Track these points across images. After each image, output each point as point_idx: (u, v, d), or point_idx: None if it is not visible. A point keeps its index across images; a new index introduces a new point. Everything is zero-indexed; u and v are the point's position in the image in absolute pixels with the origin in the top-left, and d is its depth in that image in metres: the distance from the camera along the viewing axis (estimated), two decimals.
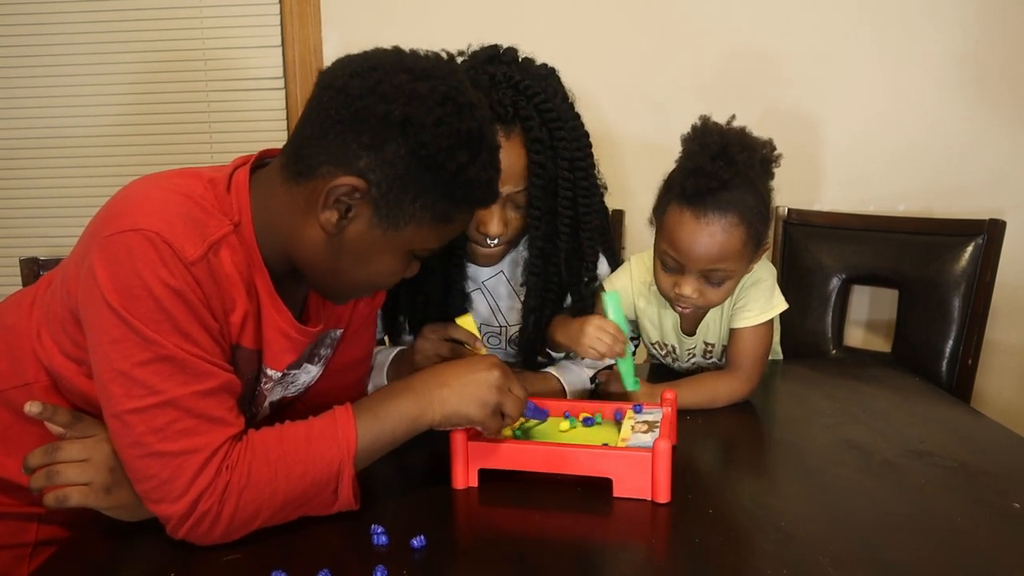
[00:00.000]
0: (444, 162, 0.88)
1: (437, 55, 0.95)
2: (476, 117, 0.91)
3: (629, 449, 0.99)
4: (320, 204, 0.90)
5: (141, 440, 0.82)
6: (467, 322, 1.15)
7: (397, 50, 0.93)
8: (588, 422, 1.13)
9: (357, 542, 0.87)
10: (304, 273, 0.99)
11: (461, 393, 0.95)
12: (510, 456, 1.00)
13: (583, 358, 1.30)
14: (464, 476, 1.00)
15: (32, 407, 0.86)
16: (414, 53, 0.93)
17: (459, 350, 1.15)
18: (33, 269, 1.60)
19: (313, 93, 0.93)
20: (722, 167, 1.18)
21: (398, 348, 1.30)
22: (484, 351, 1.14)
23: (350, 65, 0.91)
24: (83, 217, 2.47)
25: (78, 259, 0.89)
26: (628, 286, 1.42)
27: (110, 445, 0.87)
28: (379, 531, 0.87)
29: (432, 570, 0.83)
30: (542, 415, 1.11)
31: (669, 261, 1.26)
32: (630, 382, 1.21)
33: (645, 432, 1.05)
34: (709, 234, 1.20)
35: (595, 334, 1.21)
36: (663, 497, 0.95)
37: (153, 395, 0.82)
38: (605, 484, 0.97)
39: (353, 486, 0.90)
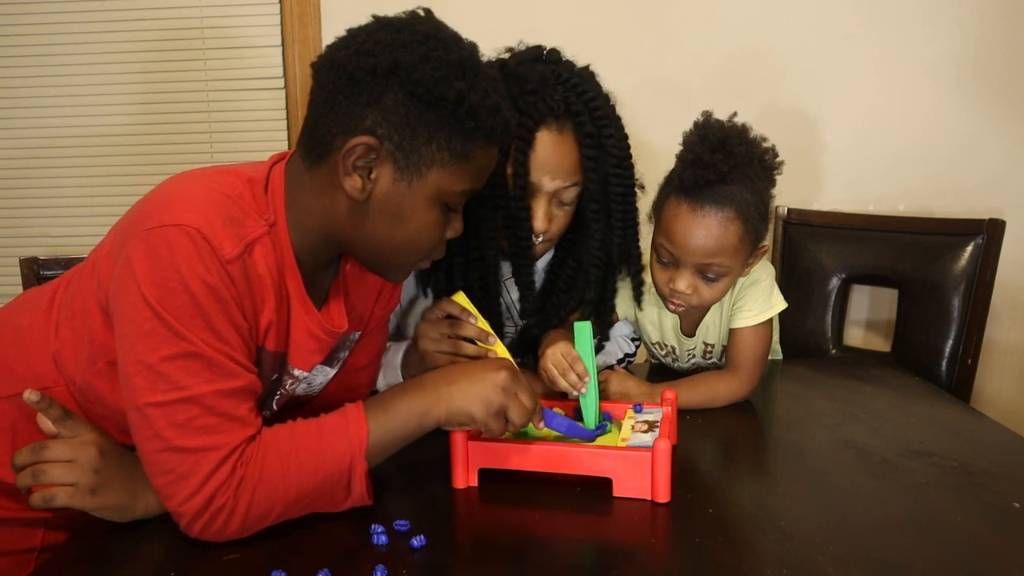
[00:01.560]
0: (443, 94, 0.89)
1: (414, 11, 0.96)
2: (463, 47, 0.93)
3: (629, 449, 0.99)
4: (341, 174, 0.91)
5: (161, 434, 0.83)
6: (460, 298, 1.15)
7: (376, 17, 0.95)
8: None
9: (357, 542, 0.87)
10: (352, 253, 1.01)
11: (466, 391, 0.94)
12: (510, 456, 1.00)
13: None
14: (464, 476, 1.00)
15: (31, 395, 0.86)
16: (393, 15, 0.95)
17: (458, 324, 1.13)
18: (33, 269, 1.60)
19: (312, 82, 0.95)
20: (721, 159, 1.19)
21: (406, 342, 1.27)
22: (483, 323, 1.13)
23: (336, 43, 0.94)
24: (84, 217, 2.48)
25: (112, 252, 0.89)
26: (629, 288, 1.42)
27: (96, 447, 0.87)
28: (379, 531, 0.87)
29: (432, 570, 0.83)
30: (579, 432, 1.05)
31: (664, 254, 1.26)
32: (590, 420, 1.13)
33: (645, 432, 1.05)
34: (705, 226, 1.20)
35: (551, 359, 1.16)
36: (663, 497, 0.95)
37: (177, 390, 0.83)
38: (605, 484, 0.97)
39: (366, 481, 0.90)
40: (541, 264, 1.37)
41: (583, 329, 1.16)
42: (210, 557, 0.85)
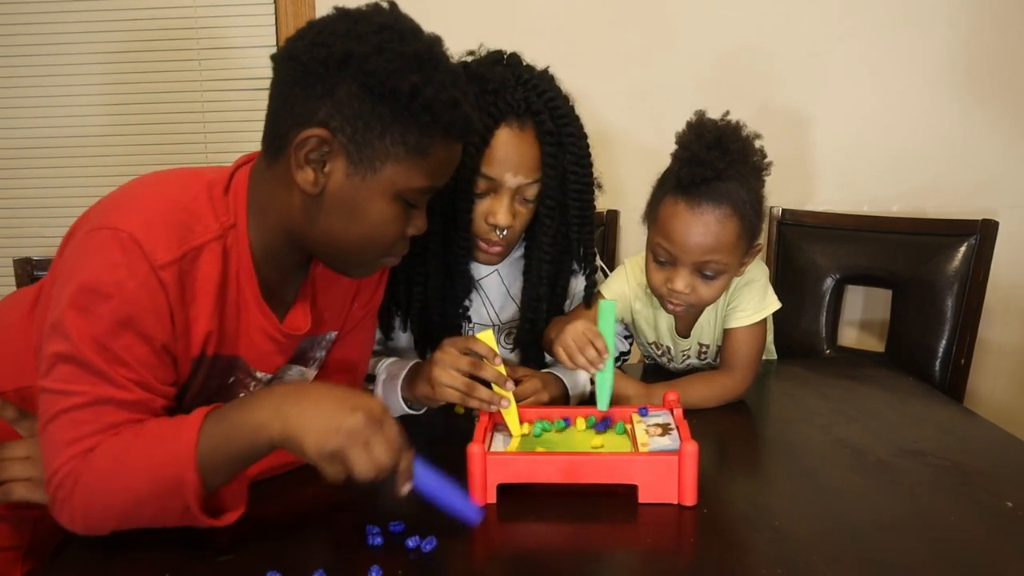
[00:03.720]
0: (395, 86, 0.86)
1: (376, 2, 0.94)
2: (421, 39, 0.91)
3: (655, 454, 0.98)
4: (293, 167, 0.89)
5: (42, 416, 0.84)
6: (487, 337, 1.13)
7: (337, 8, 0.93)
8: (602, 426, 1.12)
9: (352, 542, 0.87)
10: (311, 250, 0.99)
11: (305, 419, 0.81)
12: (531, 469, 0.97)
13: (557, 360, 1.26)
14: (482, 493, 0.96)
15: None
16: (355, 8, 0.93)
17: (478, 364, 1.11)
18: (27, 269, 1.60)
19: (272, 74, 0.94)
20: (717, 156, 1.19)
21: (414, 361, 1.27)
22: (502, 368, 1.12)
23: (295, 35, 0.92)
24: (78, 218, 2.44)
25: (65, 246, 0.92)
26: (624, 289, 1.42)
27: None
28: (374, 531, 0.87)
29: (432, 569, 0.83)
30: (452, 501, 0.88)
31: (662, 254, 1.26)
32: (603, 400, 1.12)
33: (662, 435, 1.05)
34: (703, 224, 1.21)
35: (571, 335, 1.15)
36: (690, 500, 0.95)
37: (59, 382, 0.84)
38: (628, 492, 0.96)
39: (233, 494, 0.86)
40: (511, 269, 1.39)
41: (607, 308, 1.15)
42: (205, 557, 0.85)
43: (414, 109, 0.88)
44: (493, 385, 1.11)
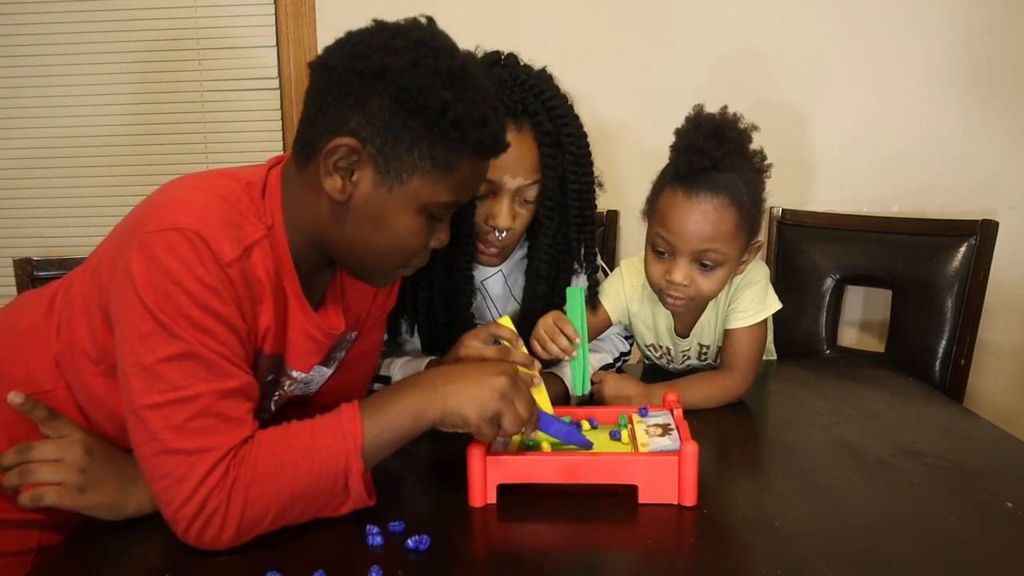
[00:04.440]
0: (427, 102, 0.88)
1: (415, 18, 0.95)
2: (456, 57, 0.92)
3: (655, 454, 0.98)
4: (322, 173, 0.91)
5: (157, 436, 0.83)
6: (507, 322, 1.14)
7: (375, 21, 0.95)
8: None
9: (352, 542, 0.87)
10: (334, 256, 1.00)
11: (463, 393, 0.92)
12: (531, 469, 0.97)
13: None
14: (482, 493, 0.96)
15: (15, 397, 0.87)
16: (393, 21, 0.94)
17: (506, 351, 1.11)
18: (27, 269, 1.60)
19: (308, 81, 0.95)
20: (714, 145, 1.20)
21: (430, 358, 1.28)
22: (525, 349, 1.13)
23: (333, 44, 0.94)
24: (78, 218, 2.47)
25: (113, 255, 0.90)
26: (621, 291, 1.42)
27: (83, 446, 0.88)
28: (374, 532, 0.87)
29: (432, 569, 0.83)
30: (576, 439, 1.02)
31: (661, 244, 1.26)
32: (578, 385, 1.17)
33: (662, 435, 1.05)
34: (701, 211, 1.22)
35: (541, 327, 1.19)
36: (690, 500, 0.95)
37: (174, 391, 0.83)
38: (629, 492, 0.96)
39: (365, 481, 0.89)
40: (514, 269, 1.40)
41: (575, 295, 1.16)
42: (205, 557, 0.84)
43: (443, 125, 0.90)
44: (520, 368, 1.10)
